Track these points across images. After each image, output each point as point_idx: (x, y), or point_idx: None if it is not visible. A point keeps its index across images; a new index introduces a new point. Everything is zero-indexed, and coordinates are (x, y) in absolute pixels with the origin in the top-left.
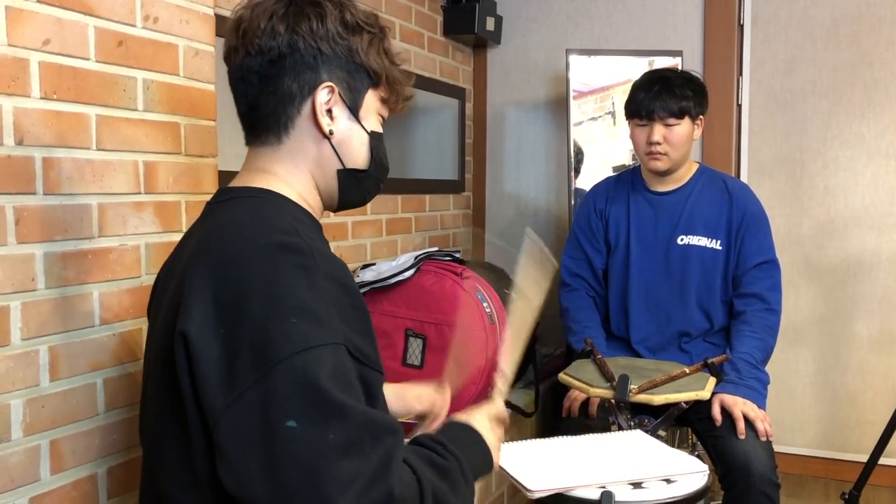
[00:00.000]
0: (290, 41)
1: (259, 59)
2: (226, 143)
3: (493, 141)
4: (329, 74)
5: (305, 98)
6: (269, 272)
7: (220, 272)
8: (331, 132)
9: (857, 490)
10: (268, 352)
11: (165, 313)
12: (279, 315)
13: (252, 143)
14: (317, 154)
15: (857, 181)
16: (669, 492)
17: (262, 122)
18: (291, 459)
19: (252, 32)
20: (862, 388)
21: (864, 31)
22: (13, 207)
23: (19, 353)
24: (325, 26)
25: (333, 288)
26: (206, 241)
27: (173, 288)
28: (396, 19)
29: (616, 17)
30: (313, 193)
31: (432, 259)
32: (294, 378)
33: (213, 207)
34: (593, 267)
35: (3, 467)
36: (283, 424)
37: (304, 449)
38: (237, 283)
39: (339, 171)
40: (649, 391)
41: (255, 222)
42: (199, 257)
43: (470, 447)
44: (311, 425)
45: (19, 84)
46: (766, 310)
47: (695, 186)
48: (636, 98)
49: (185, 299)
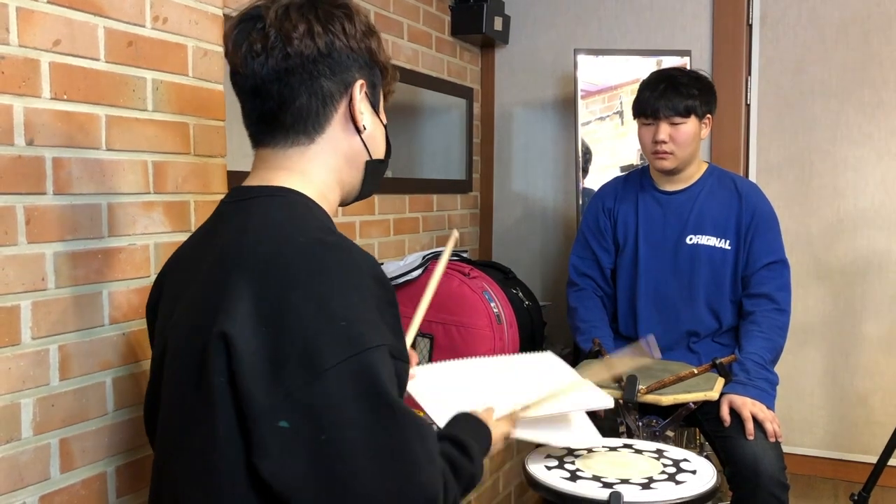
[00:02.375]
0: (328, 41)
1: (298, 60)
2: (235, 143)
3: (501, 141)
4: (359, 73)
5: (342, 96)
6: (314, 271)
7: (262, 271)
8: (364, 127)
9: (867, 491)
10: (319, 355)
11: (192, 314)
12: (326, 317)
13: (274, 143)
14: (348, 149)
15: (866, 181)
16: (678, 492)
17: (297, 122)
18: (348, 460)
19: (288, 35)
20: (871, 388)
21: (874, 31)
22: (24, 207)
23: (30, 353)
24: (355, 26)
25: (372, 284)
26: (239, 243)
27: (200, 289)
28: (404, 19)
29: (624, 17)
30: (334, 190)
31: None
32: (351, 381)
33: (231, 207)
34: (601, 266)
35: (13, 466)
36: (339, 428)
37: (359, 446)
38: (281, 282)
39: (367, 163)
40: (657, 391)
41: (291, 221)
42: (235, 259)
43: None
44: (369, 425)
45: (30, 84)
46: (776, 310)
47: (704, 186)
48: (642, 97)
49: (223, 302)
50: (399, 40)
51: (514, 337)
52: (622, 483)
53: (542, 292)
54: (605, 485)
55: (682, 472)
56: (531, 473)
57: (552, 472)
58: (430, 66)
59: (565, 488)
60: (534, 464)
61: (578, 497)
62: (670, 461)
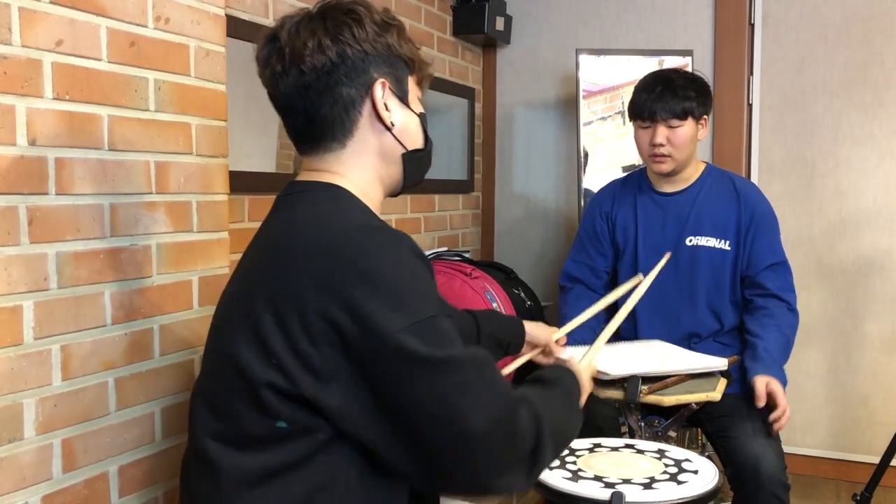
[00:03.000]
0: (338, 51)
1: (313, 74)
2: (236, 144)
3: (503, 141)
4: (378, 72)
5: (364, 99)
6: (362, 252)
7: (311, 255)
8: (392, 123)
9: (869, 492)
10: (374, 333)
11: (240, 287)
12: (380, 294)
13: (311, 152)
14: (379, 147)
15: (868, 181)
16: (680, 492)
17: (326, 131)
18: (421, 412)
19: (299, 52)
20: (873, 389)
21: (876, 31)
22: (26, 207)
23: (32, 353)
24: (365, 29)
25: (416, 261)
26: (287, 229)
27: (249, 267)
28: (406, 19)
29: (626, 17)
30: (375, 187)
31: (441, 259)
32: (403, 354)
33: (287, 199)
34: (595, 269)
35: (15, 465)
36: (403, 389)
37: (430, 403)
38: (330, 262)
39: (403, 156)
40: (660, 392)
41: (337, 210)
42: (284, 244)
43: (573, 388)
44: (429, 385)
45: (32, 85)
46: (789, 310)
47: (702, 186)
48: (638, 99)
49: (269, 283)
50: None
51: None
52: (624, 483)
53: (544, 292)
54: (606, 485)
55: (683, 472)
56: None
57: (554, 471)
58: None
59: (567, 488)
60: None
61: (580, 497)
62: (672, 461)
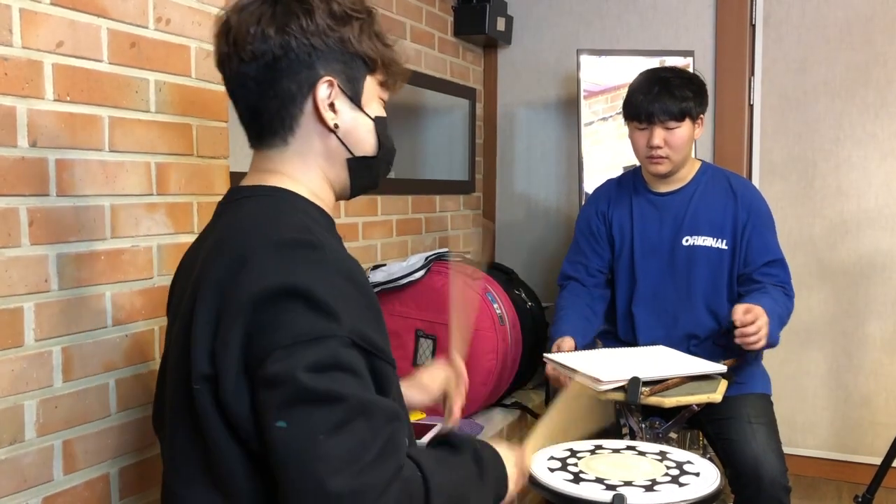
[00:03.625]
0: (282, 42)
1: (254, 64)
2: (237, 145)
3: (504, 141)
4: (326, 69)
5: (306, 96)
6: (279, 265)
7: (230, 268)
8: (336, 125)
9: (871, 493)
10: (269, 341)
11: (182, 316)
12: (286, 307)
13: (258, 146)
14: (324, 149)
15: (870, 181)
16: (681, 495)
17: (267, 126)
18: (281, 446)
19: (242, 39)
20: (875, 389)
21: (878, 31)
22: (27, 209)
23: (33, 354)
24: (315, 21)
25: (344, 284)
26: (220, 241)
27: (189, 291)
28: (407, 19)
29: (627, 17)
30: (324, 188)
31: (443, 260)
32: (284, 370)
33: (225, 207)
34: (587, 266)
35: (16, 467)
36: (278, 410)
37: (289, 436)
38: (246, 275)
39: (348, 160)
40: (661, 394)
41: (268, 220)
42: (212, 258)
43: (489, 459)
44: (298, 414)
45: (33, 86)
46: (785, 293)
47: (697, 186)
48: (634, 100)
49: (196, 304)
50: (401, 41)
51: (517, 338)
52: (625, 485)
53: (545, 293)
54: (608, 487)
55: (685, 474)
56: (534, 475)
57: (555, 474)
58: (432, 66)
59: (568, 490)
60: (536, 466)
61: (581, 499)
62: (674, 463)
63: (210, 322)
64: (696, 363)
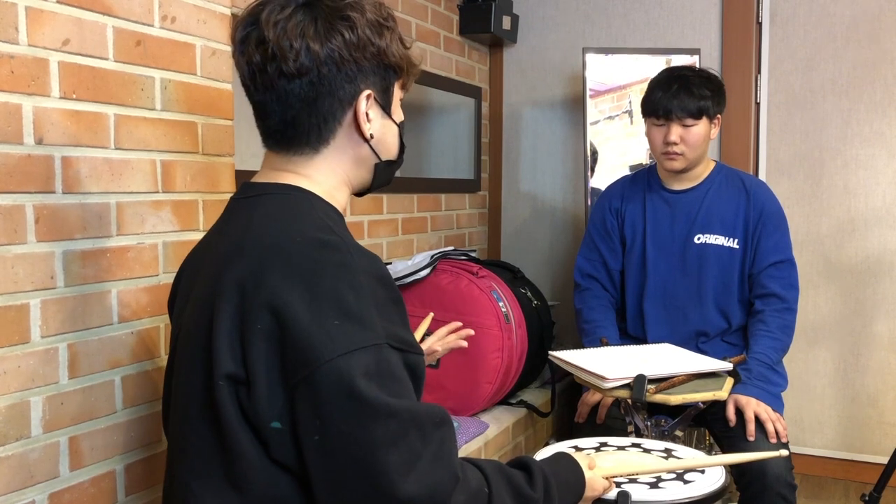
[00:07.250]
0: (327, 59)
1: (298, 81)
2: (243, 143)
3: (510, 140)
4: (365, 82)
5: (346, 111)
6: (309, 271)
7: (252, 267)
8: (371, 135)
9: (878, 492)
10: (312, 351)
11: (198, 308)
12: (322, 316)
13: (280, 151)
14: (355, 156)
15: (877, 180)
16: (687, 492)
17: (301, 136)
18: (343, 455)
19: (284, 54)
20: (882, 388)
21: (885, 29)
22: (33, 206)
23: (39, 351)
24: (357, 34)
25: (372, 283)
26: (241, 240)
27: (207, 287)
28: (412, 18)
29: (633, 16)
30: (342, 189)
31: (448, 258)
32: (336, 382)
33: (241, 203)
34: (608, 268)
35: (22, 463)
36: (330, 422)
37: (353, 446)
38: (276, 281)
39: (376, 165)
40: (666, 391)
41: (290, 219)
42: (235, 257)
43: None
44: (357, 426)
45: (39, 84)
46: (786, 309)
47: (711, 185)
48: (654, 97)
49: (218, 300)
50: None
51: (522, 336)
52: (630, 482)
53: (551, 292)
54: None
55: (690, 471)
56: None
57: None
58: (438, 65)
59: None
60: None
61: None
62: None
63: (234, 321)
64: (702, 361)
